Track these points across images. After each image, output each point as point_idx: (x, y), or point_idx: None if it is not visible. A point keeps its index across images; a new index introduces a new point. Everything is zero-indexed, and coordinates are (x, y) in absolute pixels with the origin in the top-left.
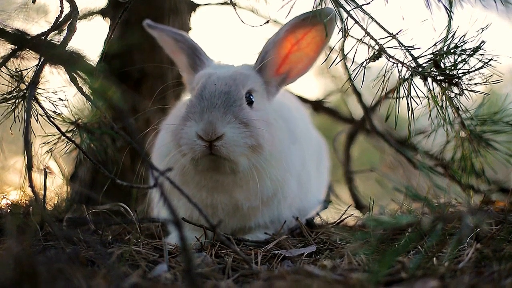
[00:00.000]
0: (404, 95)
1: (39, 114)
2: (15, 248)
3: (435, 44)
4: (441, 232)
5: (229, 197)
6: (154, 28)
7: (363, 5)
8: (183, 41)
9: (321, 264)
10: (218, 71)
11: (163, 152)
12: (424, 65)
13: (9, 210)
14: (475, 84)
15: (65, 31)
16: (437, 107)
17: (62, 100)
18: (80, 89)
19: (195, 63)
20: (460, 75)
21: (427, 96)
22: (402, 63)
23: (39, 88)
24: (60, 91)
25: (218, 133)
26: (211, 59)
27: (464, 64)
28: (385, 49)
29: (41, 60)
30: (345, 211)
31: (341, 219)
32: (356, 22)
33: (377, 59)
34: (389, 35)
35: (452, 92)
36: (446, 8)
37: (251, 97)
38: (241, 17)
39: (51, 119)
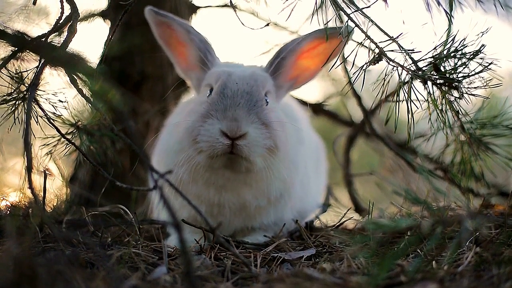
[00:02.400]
0: (404, 98)
1: (39, 116)
2: (14, 249)
3: (435, 48)
4: (441, 236)
5: (237, 196)
6: (160, 15)
7: (363, 8)
8: (195, 33)
9: (321, 267)
10: (237, 70)
11: (173, 148)
12: (424, 68)
13: (8, 212)
14: (475, 87)
15: (66, 33)
16: (437, 111)
17: (62, 102)
18: (80, 91)
19: (206, 58)
20: (460, 78)
21: (427, 99)
22: (402, 66)
23: (39, 90)
24: (60, 93)
25: (242, 131)
26: (217, 56)
27: (464, 68)
28: (385, 52)
29: (41, 62)
30: (345, 214)
31: (340, 222)
32: (357, 25)
33: (377, 62)
34: (389, 38)
35: (452, 95)
36: (446, 12)
37: (266, 98)
38: (241, 20)
39: (51, 121)
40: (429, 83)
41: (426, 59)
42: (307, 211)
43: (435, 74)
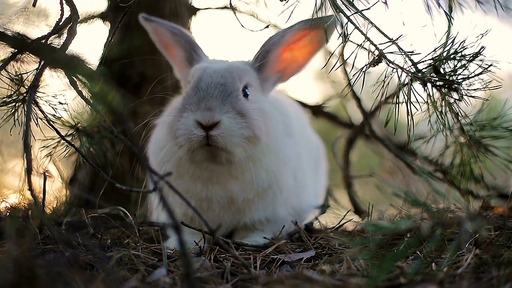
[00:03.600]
0: (404, 100)
1: (39, 118)
2: (14, 251)
3: (434, 50)
4: (440, 238)
5: (224, 189)
6: (150, 21)
7: (363, 10)
8: (180, 34)
9: (320, 269)
10: (213, 65)
11: (159, 145)
12: (423, 70)
13: (8, 214)
14: (474, 89)
15: (65, 35)
16: (436, 113)
17: (61, 103)
18: (80, 93)
19: (191, 57)
20: (459, 80)
21: (427, 101)
22: (402, 68)
23: (39, 92)
24: (60, 95)
25: (215, 119)
26: (206, 55)
27: (463, 70)
28: (385, 54)
29: (41, 64)
30: (344, 216)
31: (340, 224)
32: (356, 27)
33: (377, 64)
34: (389, 40)
35: (452, 97)
36: (446, 14)
37: (246, 90)
38: (241, 22)
39: (51, 122)
40: (429, 85)
41: (425, 61)
42: (303, 209)
43: (435, 76)
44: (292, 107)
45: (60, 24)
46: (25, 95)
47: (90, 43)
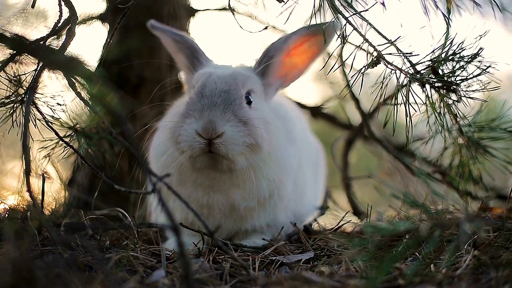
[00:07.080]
0: (402, 101)
1: (37, 119)
2: (13, 253)
3: (433, 51)
4: (439, 239)
5: (225, 197)
6: (156, 28)
7: (361, 11)
8: (182, 42)
9: (319, 270)
10: (218, 70)
11: (160, 149)
12: (422, 71)
13: (7, 215)
14: (473, 90)
15: (64, 36)
16: (435, 114)
17: (60, 105)
18: (78, 94)
19: (193, 63)
20: (458, 82)
21: (425, 102)
22: (400, 69)
23: (37, 93)
24: (58, 96)
25: (218, 131)
26: (210, 59)
27: (462, 71)
28: (384, 55)
29: (40, 65)
30: (343, 217)
31: (339, 225)
32: (355, 28)
33: (376, 66)
34: (387, 41)
35: (450, 98)
36: (444, 15)
37: (250, 97)
38: (240, 23)
39: (49, 124)
40: (427, 86)
41: (424, 62)
42: (303, 213)
43: (433, 77)
44: (293, 111)
45: (58, 25)
46: (23, 96)
47: (89, 44)
